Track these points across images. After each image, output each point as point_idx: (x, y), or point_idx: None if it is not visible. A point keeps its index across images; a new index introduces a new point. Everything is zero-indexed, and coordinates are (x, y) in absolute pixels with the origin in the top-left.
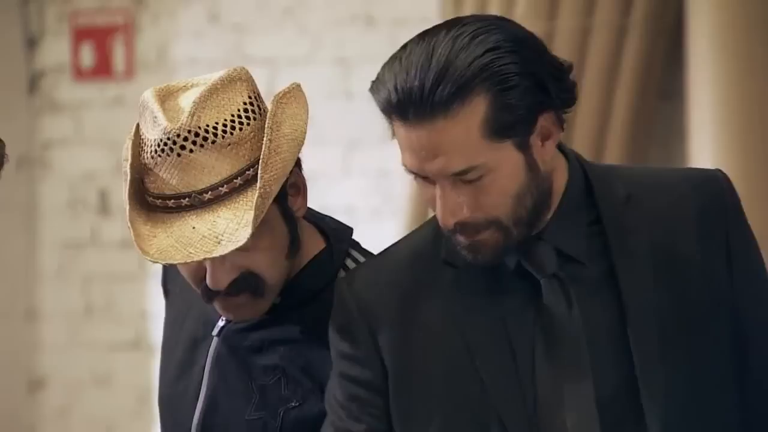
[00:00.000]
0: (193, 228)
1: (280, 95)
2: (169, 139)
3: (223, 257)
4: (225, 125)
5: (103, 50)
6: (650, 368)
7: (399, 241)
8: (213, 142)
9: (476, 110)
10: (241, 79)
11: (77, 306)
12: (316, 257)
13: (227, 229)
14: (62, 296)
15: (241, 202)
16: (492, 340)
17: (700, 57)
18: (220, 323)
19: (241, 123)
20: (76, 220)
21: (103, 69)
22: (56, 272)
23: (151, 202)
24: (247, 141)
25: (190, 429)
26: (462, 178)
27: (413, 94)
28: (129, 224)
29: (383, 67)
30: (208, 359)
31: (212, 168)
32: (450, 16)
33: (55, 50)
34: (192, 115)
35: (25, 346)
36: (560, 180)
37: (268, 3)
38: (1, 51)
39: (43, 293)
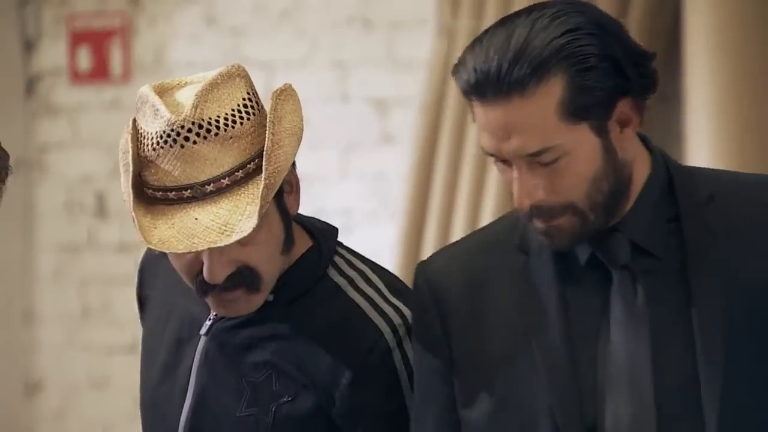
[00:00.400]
0: (196, 219)
1: (278, 92)
2: (173, 130)
3: (221, 251)
4: (227, 119)
5: (100, 53)
6: (713, 368)
7: (480, 228)
8: (216, 134)
9: (552, 90)
10: (239, 75)
11: (74, 309)
12: (305, 255)
13: (230, 220)
14: (59, 299)
15: (242, 194)
16: (553, 327)
17: (697, 57)
18: (208, 322)
19: (241, 117)
20: (72, 223)
21: (100, 72)
22: (53, 275)
23: (151, 194)
24: (248, 135)
25: (177, 429)
26: (538, 159)
27: (491, 74)
28: (132, 214)
29: (465, 50)
30: (195, 358)
31: (215, 160)
32: (447, 19)
33: (52, 53)
34: (195, 107)
35: (22, 348)
36: (641, 172)
37: (265, 6)
38: None
39: (40, 296)
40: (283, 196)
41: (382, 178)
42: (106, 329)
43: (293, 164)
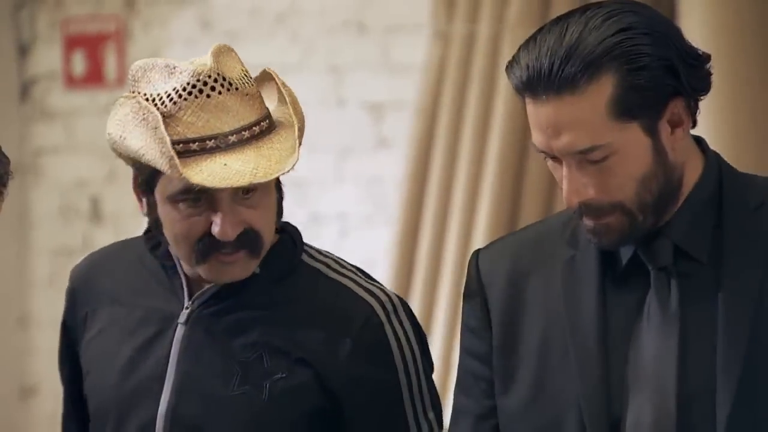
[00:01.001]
0: (225, 165)
1: (272, 71)
2: (198, 80)
3: (233, 210)
4: (241, 78)
5: (94, 58)
6: (729, 377)
7: (538, 221)
8: (237, 88)
9: (603, 88)
10: (232, 51)
11: None
12: (280, 240)
13: (259, 165)
14: (54, 303)
15: (263, 146)
16: (589, 322)
17: None
18: (185, 311)
19: (249, 79)
20: (67, 228)
21: (94, 76)
22: (48, 279)
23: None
24: (258, 96)
25: (155, 419)
26: (587, 157)
27: (542, 71)
28: (171, 153)
29: (519, 49)
30: (173, 348)
31: (237, 112)
32: (442, 23)
33: (47, 58)
34: (216, 62)
35: (17, 353)
36: (692, 175)
37: (261, 10)
38: None
39: (35, 300)
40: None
41: (377, 182)
42: None
43: None
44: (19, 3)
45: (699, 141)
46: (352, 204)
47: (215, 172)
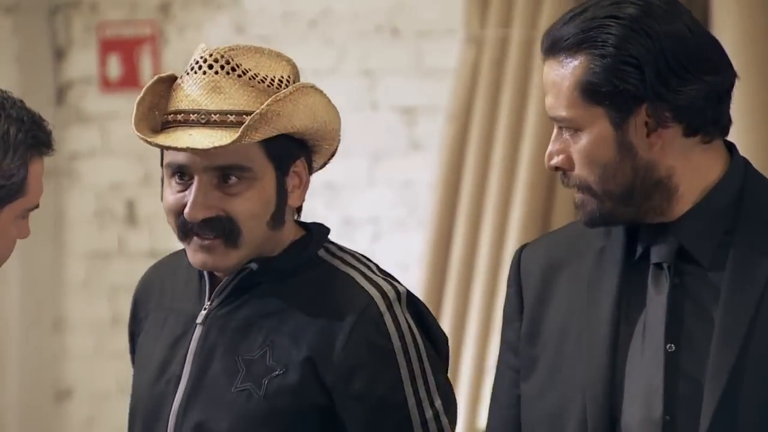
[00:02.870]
0: (190, 135)
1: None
2: (201, 58)
3: (206, 191)
4: (257, 74)
5: (130, 61)
6: (716, 384)
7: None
8: (239, 75)
9: (577, 65)
10: (288, 61)
11: (104, 316)
12: (297, 241)
13: (220, 142)
14: (89, 306)
15: (240, 130)
16: (603, 314)
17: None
18: (203, 311)
19: (271, 82)
20: (103, 231)
21: (130, 80)
22: (83, 282)
23: (164, 119)
24: (269, 96)
25: (170, 418)
26: (560, 124)
27: (549, 36)
28: (133, 114)
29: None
30: (190, 347)
31: (229, 96)
32: (475, 28)
33: (83, 61)
34: (230, 50)
35: (52, 356)
36: (699, 179)
37: (294, 15)
38: (28, 62)
39: (70, 303)
40: (287, 177)
41: (410, 186)
42: None
43: (309, 166)
44: (55, 8)
45: (729, 146)
46: (385, 208)
47: (179, 139)
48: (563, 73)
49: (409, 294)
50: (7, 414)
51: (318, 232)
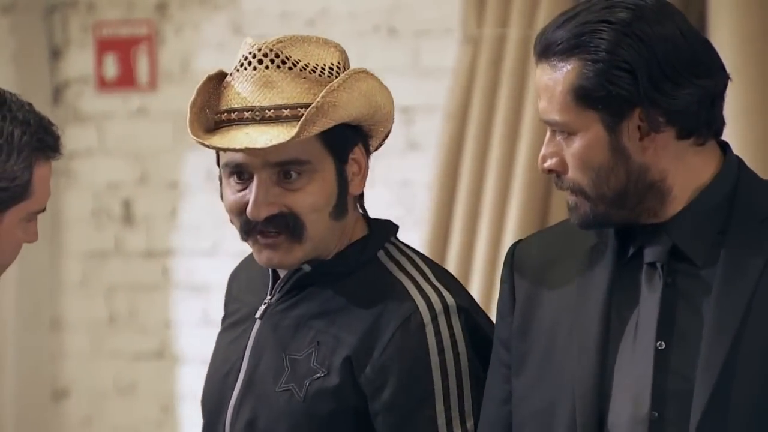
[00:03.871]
0: (246, 133)
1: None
2: (251, 53)
3: (267, 188)
4: (307, 65)
5: (126, 61)
6: (706, 383)
7: None
8: (290, 68)
9: (570, 69)
10: (335, 46)
11: (101, 316)
12: (357, 241)
13: (276, 138)
14: (86, 306)
15: (298, 126)
16: (594, 310)
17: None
18: (262, 306)
19: (322, 71)
20: (100, 230)
21: (126, 80)
22: (80, 282)
23: (217, 118)
24: (321, 86)
25: (227, 410)
26: (553, 128)
27: (541, 40)
28: (189, 117)
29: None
30: (249, 342)
31: (282, 90)
32: (472, 27)
33: (79, 61)
34: (279, 42)
35: (49, 355)
36: (693, 179)
37: (292, 15)
38: (25, 62)
39: (67, 303)
40: (346, 165)
41: (407, 185)
42: (132, 336)
43: (366, 151)
44: (52, 7)
45: (723, 146)
46: (382, 207)
47: (235, 138)
48: (556, 77)
49: (465, 307)
50: (5, 413)
51: (379, 233)
